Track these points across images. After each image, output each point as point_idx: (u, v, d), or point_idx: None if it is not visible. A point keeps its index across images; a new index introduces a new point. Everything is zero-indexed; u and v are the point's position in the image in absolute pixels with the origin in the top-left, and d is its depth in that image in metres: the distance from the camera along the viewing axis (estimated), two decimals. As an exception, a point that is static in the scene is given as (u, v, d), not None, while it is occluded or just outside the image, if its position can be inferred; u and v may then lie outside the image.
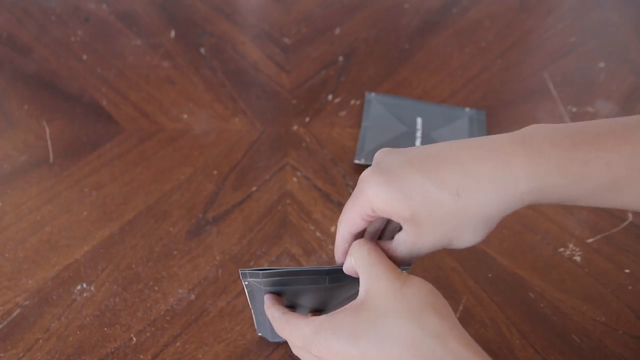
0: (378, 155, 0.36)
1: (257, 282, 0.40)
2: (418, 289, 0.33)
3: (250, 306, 0.45)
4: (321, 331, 0.35)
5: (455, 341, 0.31)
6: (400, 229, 0.36)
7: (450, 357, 0.30)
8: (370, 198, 0.34)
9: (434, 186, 0.32)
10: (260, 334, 0.51)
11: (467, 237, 0.34)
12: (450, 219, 0.33)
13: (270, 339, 0.50)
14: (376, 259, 0.35)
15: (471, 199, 0.32)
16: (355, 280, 0.37)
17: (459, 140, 0.34)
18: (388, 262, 0.35)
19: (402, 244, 0.35)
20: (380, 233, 0.41)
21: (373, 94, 0.72)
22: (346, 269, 0.38)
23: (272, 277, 0.39)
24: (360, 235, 0.39)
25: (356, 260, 0.36)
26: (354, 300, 0.35)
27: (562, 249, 0.58)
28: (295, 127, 0.69)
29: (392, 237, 0.38)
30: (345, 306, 0.35)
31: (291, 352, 0.51)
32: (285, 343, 0.51)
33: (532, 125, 0.33)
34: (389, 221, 0.41)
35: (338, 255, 0.39)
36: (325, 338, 0.34)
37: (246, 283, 0.41)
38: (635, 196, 0.32)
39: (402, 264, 0.37)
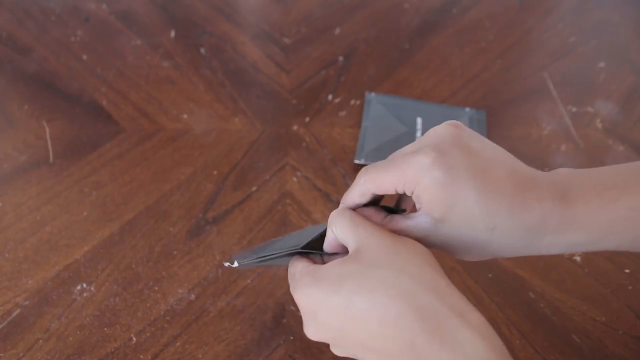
0: (442, 138, 0.33)
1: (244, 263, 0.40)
2: (413, 245, 0.33)
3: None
4: (304, 276, 0.33)
5: (451, 297, 0.30)
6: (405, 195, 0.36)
7: (447, 310, 0.29)
8: (420, 186, 0.33)
9: (479, 212, 0.32)
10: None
11: (470, 257, 0.36)
12: (471, 242, 0.34)
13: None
14: (361, 220, 0.34)
15: (501, 239, 0.33)
16: None
17: (514, 160, 0.34)
18: (376, 225, 0.34)
19: (408, 227, 0.35)
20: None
21: (373, 94, 0.72)
22: (328, 245, 0.36)
23: (255, 261, 0.39)
24: (372, 203, 0.37)
25: (340, 227, 0.35)
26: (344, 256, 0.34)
27: (562, 249, 0.58)
28: (295, 127, 0.69)
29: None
30: (334, 260, 0.33)
31: (291, 351, 0.51)
32: (285, 342, 0.52)
33: (567, 172, 0.34)
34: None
35: (347, 204, 0.37)
36: (305, 284, 0.33)
37: (235, 266, 0.41)
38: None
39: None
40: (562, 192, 0.33)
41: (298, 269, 0.35)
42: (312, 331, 0.34)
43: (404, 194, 0.36)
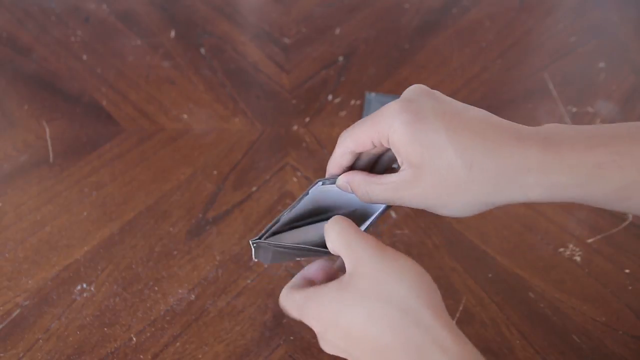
0: (413, 91, 0.36)
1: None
2: (401, 269, 0.33)
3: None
4: (307, 302, 0.35)
5: (434, 329, 0.31)
6: (392, 168, 0.37)
7: (429, 343, 0.30)
8: (391, 130, 0.34)
9: (454, 150, 0.33)
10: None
11: (456, 208, 0.35)
12: (452, 185, 0.33)
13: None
14: (353, 234, 0.35)
15: (481, 177, 0.33)
16: None
17: (491, 114, 0.35)
18: (367, 239, 0.35)
19: (392, 183, 0.36)
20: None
21: (373, 94, 0.72)
22: (332, 251, 0.37)
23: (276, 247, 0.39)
24: (351, 164, 0.39)
25: (333, 242, 0.36)
26: (341, 277, 0.35)
27: (562, 249, 0.58)
28: (295, 127, 0.69)
29: (383, 171, 0.39)
30: (332, 282, 0.35)
31: (291, 351, 0.51)
32: (285, 343, 0.52)
33: (553, 125, 0.34)
34: (380, 156, 0.41)
35: (331, 168, 0.40)
36: (311, 308, 0.35)
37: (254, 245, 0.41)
38: None
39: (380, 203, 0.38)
40: (545, 136, 0.33)
41: (298, 297, 0.36)
42: (327, 347, 0.36)
43: (384, 156, 0.38)
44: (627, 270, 0.57)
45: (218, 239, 0.58)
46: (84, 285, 0.55)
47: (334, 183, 0.39)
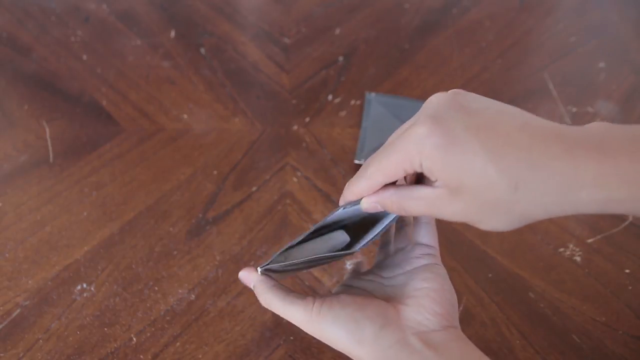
0: (437, 104, 0.32)
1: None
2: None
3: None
4: (305, 325, 0.35)
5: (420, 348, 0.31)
6: (421, 179, 0.34)
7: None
8: (422, 156, 0.31)
9: (495, 170, 0.29)
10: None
11: (498, 224, 0.32)
12: (495, 205, 0.30)
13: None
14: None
15: (527, 197, 0.30)
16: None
17: (527, 114, 0.31)
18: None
19: (428, 199, 0.33)
20: None
21: (373, 94, 0.72)
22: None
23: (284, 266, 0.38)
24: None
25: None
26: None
27: (562, 249, 0.58)
28: (295, 127, 0.69)
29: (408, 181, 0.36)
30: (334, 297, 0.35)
31: (291, 351, 0.51)
32: (285, 343, 0.52)
33: (599, 124, 0.30)
34: None
35: (353, 198, 0.36)
36: (315, 330, 0.34)
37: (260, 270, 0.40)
38: None
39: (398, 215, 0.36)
40: (597, 142, 0.29)
41: (296, 320, 0.36)
42: None
43: (422, 175, 0.34)
44: (627, 270, 0.57)
45: (218, 239, 0.58)
46: (84, 285, 0.55)
47: (355, 205, 0.36)
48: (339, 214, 0.38)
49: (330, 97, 0.73)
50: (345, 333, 0.33)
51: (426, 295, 0.34)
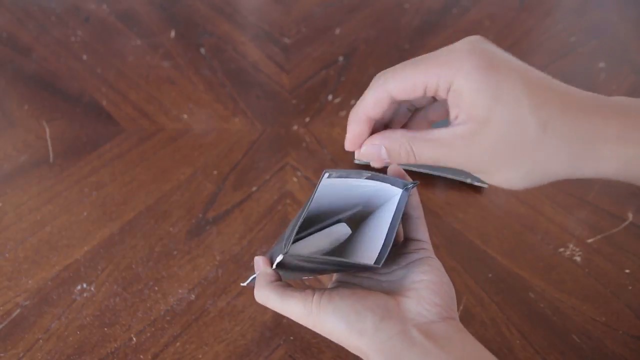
0: (478, 39, 0.30)
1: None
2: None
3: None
4: (303, 317, 0.34)
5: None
6: (431, 122, 0.33)
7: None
8: (459, 74, 0.29)
9: (529, 105, 0.28)
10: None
11: (513, 176, 0.30)
12: (519, 145, 0.29)
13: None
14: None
15: (553, 142, 0.28)
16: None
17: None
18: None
19: (444, 139, 0.30)
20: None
21: (373, 94, 0.72)
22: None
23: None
24: (372, 127, 0.33)
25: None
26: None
27: (562, 249, 0.58)
28: (295, 127, 0.69)
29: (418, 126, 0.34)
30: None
31: (291, 351, 0.51)
32: (285, 343, 0.52)
33: (623, 97, 0.30)
34: (416, 110, 0.35)
35: (355, 121, 0.33)
36: (314, 324, 0.34)
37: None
38: None
39: (407, 181, 0.35)
40: (623, 106, 0.29)
41: (294, 314, 0.35)
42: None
43: (421, 112, 0.33)
44: (627, 270, 0.57)
45: (218, 239, 0.58)
46: (84, 285, 0.55)
47: (342, 176, 0.34)
48: (324, 192, 0.36)
49: (330, 97, 0.73)
50: (346, 324, 0.32)
51: (426, 287, 0.34)
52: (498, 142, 0.29)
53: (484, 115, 0.28)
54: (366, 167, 0.64)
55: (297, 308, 0.34)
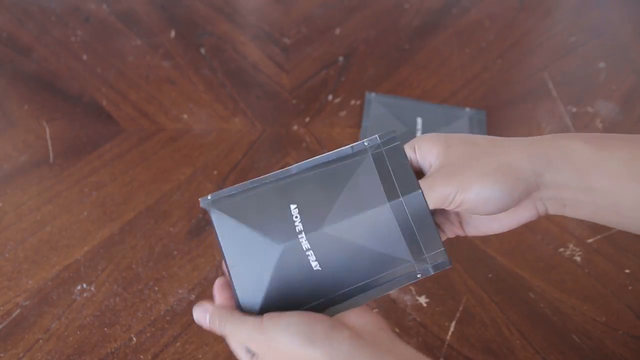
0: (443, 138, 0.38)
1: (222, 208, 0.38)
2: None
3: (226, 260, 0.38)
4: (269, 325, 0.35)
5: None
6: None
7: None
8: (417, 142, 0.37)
9: (473, 148, 0.37)
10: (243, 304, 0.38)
11: (484, 191, 0.35)
12: (476, 162, 0.36)
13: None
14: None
15: (501, 151, 0.38)
16: (324, 169, 0.36)
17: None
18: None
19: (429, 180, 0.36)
20: None
21: (373, 94, 0.72)
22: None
23: (235, 197, 0.37)
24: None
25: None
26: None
27: (562, 249, 0.58)
28: (295, 127, 0.69)
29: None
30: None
31: (291, 352, 0.51)
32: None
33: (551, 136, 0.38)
34: None
35: None
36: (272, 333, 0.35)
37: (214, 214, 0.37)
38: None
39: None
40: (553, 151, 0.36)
41: (247, 329, 0.37)
42: None
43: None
44: (627, 270, 0.57)
45: (218, 239, 0.58)
46: (84, 285, 0.55)
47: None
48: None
49: (330, 97, 0.73)
50: (298, 336, 0.34)
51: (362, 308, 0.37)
52: (461, 166, 0.36)
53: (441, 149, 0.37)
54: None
55: (250, 326, 0.36)
